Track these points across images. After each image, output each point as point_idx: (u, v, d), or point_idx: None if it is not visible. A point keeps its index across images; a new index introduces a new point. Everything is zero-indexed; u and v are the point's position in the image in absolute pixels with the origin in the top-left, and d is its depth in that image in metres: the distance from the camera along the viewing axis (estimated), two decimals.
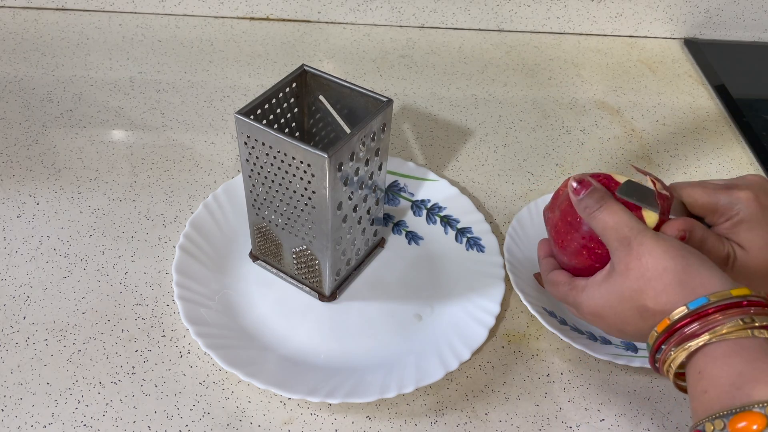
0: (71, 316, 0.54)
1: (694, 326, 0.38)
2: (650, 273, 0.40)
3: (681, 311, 0.38)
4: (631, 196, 0.45)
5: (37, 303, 0.55)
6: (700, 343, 0.37)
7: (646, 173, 0.47)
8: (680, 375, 0.40)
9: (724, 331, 0.37)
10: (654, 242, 0.41)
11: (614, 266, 0.43)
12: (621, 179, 0.47)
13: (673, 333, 0.39)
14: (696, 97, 0.86)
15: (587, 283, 0.45)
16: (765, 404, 0.34)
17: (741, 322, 0.37)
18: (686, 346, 0.38)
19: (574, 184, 0.45)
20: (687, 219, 0.45)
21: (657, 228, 0.44)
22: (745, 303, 0.37)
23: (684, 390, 0.40)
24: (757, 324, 0.37)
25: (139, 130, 0.72)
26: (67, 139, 0.69)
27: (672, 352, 0.39)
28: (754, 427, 0.33)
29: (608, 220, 0.43)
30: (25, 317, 0.53)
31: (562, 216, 0.48)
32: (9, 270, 0.57)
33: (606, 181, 0.47)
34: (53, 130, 0.70)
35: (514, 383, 0.53)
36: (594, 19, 0.93)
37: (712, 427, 0.35)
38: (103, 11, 0.88)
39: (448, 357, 0.51)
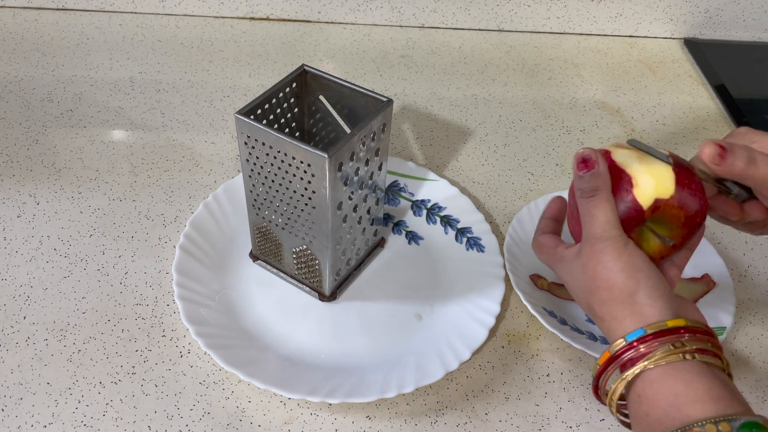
0: (71, 316, 0.54)
1: (630, 354, 0.39)
2: (600, 282, 0.41)
3: (619, 343, 0.39)
4: (643, 148, 0.43)
5: (37, 303, 0.55)
6: (636, 371, 0.38)
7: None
8: (621, 409, 0.41)
9: (656, 357, 0.38)
10: (615, 255, 0.41)
11: (580, 253, 0.43)
12: (620, 153, 0.45)
13: (612, 362, 0.40)
14: (696, 97, 0.86)
15: (564, 254, 0.45)
16: (703, 423, 0.34)
17: (672, 347, 0.38)
18: (624, 376, 0.39)
19: (580, 159, 0.43)
20: (746, 148, 0.42)
21: (680, 180, 0.42)
22: (681, 331, 0.38)
23: (625, 424, 0.41)
24: (687, 348, 0.38)
25: (139, 130, 0.72)
26: (67, 139, 0.70)
27: (611, 385, 0.40)
28: None
29: (592, 212, 0.42)
30: (25, 317, 0.53)
31: (570, 198, 0.47)
32: (9, 270, 0.57)
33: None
34: (53, 130, 0.70)
35: (514, 383, 0.53)
36: (594, 19, 0.93)
37: None
38: (103, 11, 0.88)
39: (448, 357, 0.51)
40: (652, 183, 0.42)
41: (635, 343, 0.38)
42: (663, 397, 0.37)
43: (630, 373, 0.38)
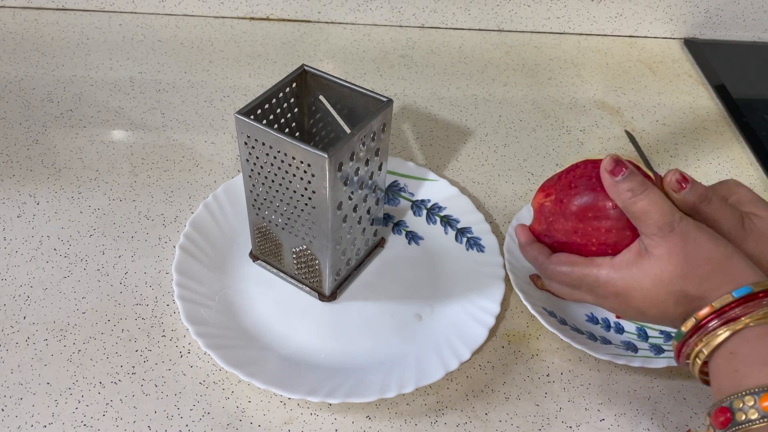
0: (71, 316, 0.54)
1: (737, 311, 0.39)
2: (695, 260, 0.41)
3: (726, 299, 0.39)
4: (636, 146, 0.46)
5: (37, 303, 0.55)
6: (740, 327, 0.38)
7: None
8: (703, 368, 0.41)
9: (760, 315, 0.38)
10: (699, 231, 0.42)
11: (649, 250, 0.43)
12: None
13: (718, 316, 0.39)
14: (696, 97, 0.86)
15: (612, 262, 0.45)
16: None
17: None
18: (718, 333, 0.39)
19: (611, 164, 0.44)
20: (705, 187, 0.45)
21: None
22: None
23: (704, 377, 0.42)
24: None
25: (139, 130, 0.72)
26: (67, 139, 0.70)
27: (704, 339, 0.40)
28: None
29: (654, 204, 0.42)
30: (25, 317, 0.53)
31: (580, 212, 0.47)
32: (9, 270, 0.57)
33: (591, 165, 0.47)
34: (53, 130, 0.70)
35: (514, 383, 0.53)
36: (594, 19, 0.93)
37: (741, 404, 0.36)
38: (103, 11, 0.88)
39: (448, 357, 0.51)
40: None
41: (749, 297, 0.39)
42: (759, 354, 0.37)
43: (734, 325, 0.38)
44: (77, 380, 0.50)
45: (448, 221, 0.63)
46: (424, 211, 0.64)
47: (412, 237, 0.63)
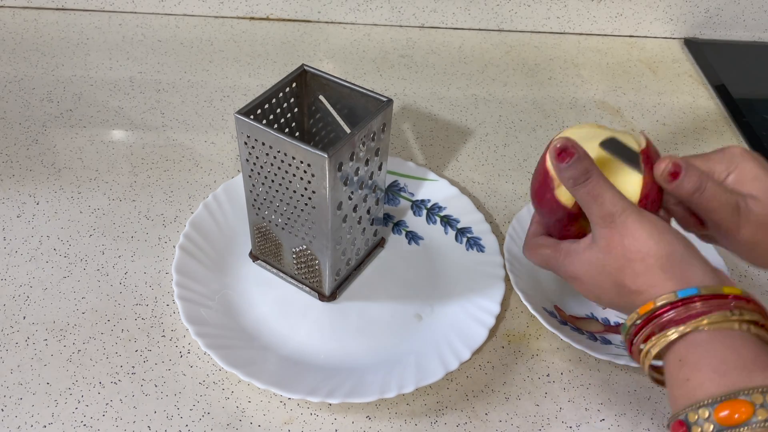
0: (71, 316, 0.54)
1: (677, 312, 0.37)
2: (631, 254, 0.40)
3: (668, 297, 0.37)
4: (615, 153, 0.44)
5: (37, 303, 0.55)
6: (685, 331, 0.36)
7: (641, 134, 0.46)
8: (655, 368, 0.39)
9: (711, 320, 0.36)
10: (638, 224, 0.40)
11: (596, 239, 0.42)
12: (599, 133, 0.46)
13: (654, 318, 0.38)
14: (696, 97, 0.86)
15: (571, 249, 0.44)
16: (750, 391, 0.33)
17: (729, 314, 0.36)
18: (667, 333, 0.37)
19: (558, 149, 0.42)
20: (700, 174, 0.42)
21: (644, 193, 0.43)
22: (740, 297, 0.37)
23: (657, 382, 0.40)
24: (745, 318, 0.36)
25: (139, 130, 0.72)
26: (67, 139, 0.69)
27: (653, 339, 0.38)
28: (736, 416, 0.32)
29: (594, 194, 0.41)
30: (25, 317, 0.53)
31: (535, 176, 0.48)
32: (9, 270, 0.57)
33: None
34: (53, 130, 0.70)
35: (514, 383, 0.53)
36: (594, 18, 0.93)
37: (695, 416, 0.34)
38: (103, 11, 0.88)
39: (448, 357, 0.51)
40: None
41: (696, 299, 0.36)
42: (707, 363, 0.35)
43: (675, 331, 0.36)
44: (77, 380, 0.50)
45: (448, 221, 0.63)
46: (424, 211, 0.64)
47: (412, 237, 0.63)
